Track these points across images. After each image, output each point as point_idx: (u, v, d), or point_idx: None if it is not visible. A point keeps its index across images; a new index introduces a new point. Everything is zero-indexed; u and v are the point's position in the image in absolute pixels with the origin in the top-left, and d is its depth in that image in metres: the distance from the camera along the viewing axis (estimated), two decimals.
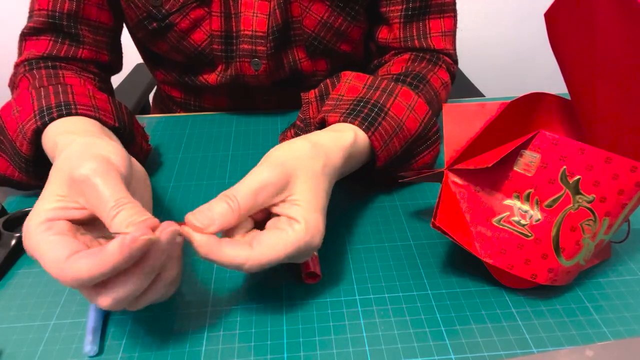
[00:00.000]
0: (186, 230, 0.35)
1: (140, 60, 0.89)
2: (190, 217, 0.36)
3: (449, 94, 0.62)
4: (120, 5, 0.64)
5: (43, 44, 0.59)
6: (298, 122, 0.56)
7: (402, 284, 0.42)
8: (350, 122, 0.47)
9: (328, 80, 0.56)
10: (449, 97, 0.63)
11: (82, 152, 0.37)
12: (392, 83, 0.52)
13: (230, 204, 0.36)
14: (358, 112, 0.48)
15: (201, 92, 0.73)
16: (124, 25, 0.69)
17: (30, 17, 0.60)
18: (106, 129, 0.47)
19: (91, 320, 0.38)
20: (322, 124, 0.50)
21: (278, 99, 0.73)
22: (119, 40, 0.67)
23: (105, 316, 0.39)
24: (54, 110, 0.46)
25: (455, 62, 0.65)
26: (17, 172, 0.50)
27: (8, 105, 0.50)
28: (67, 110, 0.46)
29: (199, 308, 0.40)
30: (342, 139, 0.44)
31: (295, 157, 0.40)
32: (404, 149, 0.50)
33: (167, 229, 0.32)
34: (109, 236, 0.36)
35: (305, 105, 0.56)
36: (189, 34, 0.63)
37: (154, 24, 0.63)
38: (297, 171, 0.39)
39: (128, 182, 0.37)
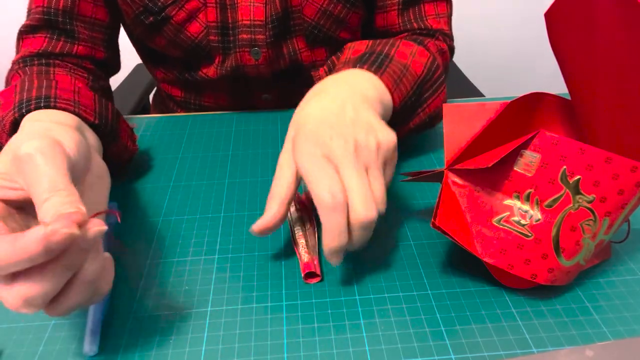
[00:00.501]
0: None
1: (140, 61, 0.89)
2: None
3: (447, 61, 0.65)
4: (116, 2, 0.64)
5: (39, 41, 0.59)
6: None
7: (402, 284, 0.42)
8: (359, 68, 0.50)
9: (333, 57, 0.60)
10: (447, 70, 0.66)
11: (33, 132, 0.35)
12: (392, 39, 0.57)
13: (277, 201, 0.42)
14: (365, 60, 0.52)
15: (201, 89, 0.73)
16: (121, 25, 0.69)
17: (27, 15, 0.61)
18: (84, 125, 0.47)
19: (91, 320, 0.38)
20: None
21: (278, 93, 0.73)
22: (116, 38, 0.68)
23: (105, 316, 0.39)
24: (32, 102, 0.45)
25: (452, 39, 0.68)
26: None
27: None
28: (45, 103, 0.46)
29: (199, 308, 0.40)
30: (360, 74, 0.49)
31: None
32: (414, 90, 0.52)
33: (95, 227, 0.30)
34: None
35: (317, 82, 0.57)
36: (185, 26, 0.64)
37: (151, 18, 0.63)
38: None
39: (80, 173, 0.36)
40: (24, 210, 0.33)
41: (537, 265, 0.39)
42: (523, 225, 0.39)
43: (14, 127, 0.45)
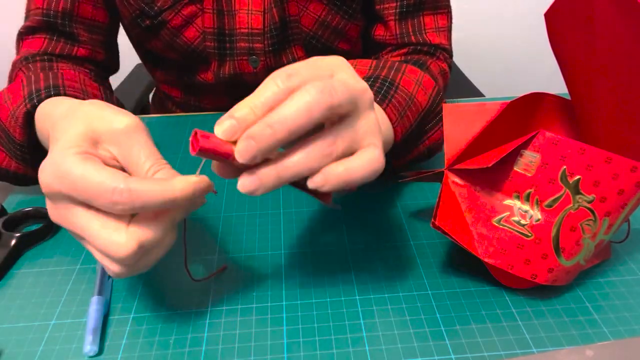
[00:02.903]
0: None
1: (140, 61, 0.89)
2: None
3: (447, 82, 0.63)
4: (115, 4, 0.64)
5: (38, 42, 0.59)
6: None
7: (402, 284, 0.42)
8: None
9: None
10: (446, 90, 0.64)
11: (110, 107, 0.36)
12: (397, 62, 0.53)
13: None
14: (370, 87, 0.47)
15: (201, 92, 0.73)
16: (121, 25, 0.69)
17: (26, 17, 0.60)
18: None
19: (91, 320, 0.38)
20: None
21: None
22: (115, 39, 0.68)
23: (105, 316, 0.39)
24: (42, 91, 0.46)
25: (451, 55, 0.66)
26: (13, 163, 0.49)
27: (0, 95, 0.50)
28: (55, 91, 0.46)
29: (199, 308, 0.40)
30: None
31: None
32: (417, 122, 0.50)
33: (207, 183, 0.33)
34: None
35: None
36: (182, 31, 0.63)
37: (147, 22, 0.63)
38: None
39: None
40: None
41: (537, 265, 0.39)
42: (523, 225, 0.39)
43: (28, 118, 0.45)
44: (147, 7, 0.62)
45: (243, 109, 0.30)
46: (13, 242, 0.45)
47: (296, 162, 0.30)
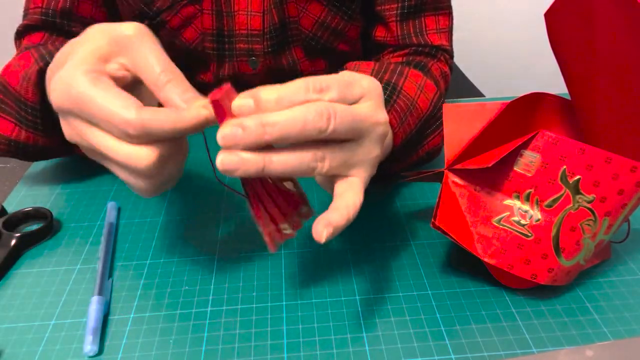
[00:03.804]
0: None
1: None
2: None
3: (448, 85, 0.63)
4: (114, 3, 0.64)
5: (38, 37, 0.59)
6: None
7: (402, 284, 0.42)
8: None
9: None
10: (447, 92, 0.64)
11: (107, 24, 0.36)
12: (400, 66, 0.53)
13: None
14: None
15: (200, 92, 0.73)
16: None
17: (25, 15, 0.61)
18: None
19: (91, 320, 0.38)
20: None
21: None
22: None
23: (105, 316, 0.39)
24: (53, 52, 0.46)
25: (452, 56, 0.66)
26: (23, 131, 0.49)
27: (8, 65, 0.50)
28: None
29: (199, 307, 0.40)
30: None
31: None
32: (418, 128, 0.50)
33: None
34: None
35: None
36: (181, 32, 0.64)
37: (146, 22, 0.63)
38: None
39: None
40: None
41: (537, 265, 0.39)
42: (523, 225, 0.39)
43: (41, 77, 0.46)
44: (146, 7, 0.62)
45: (269, 95, 0.32)
46: (13, 242, 0.45)
47: (282, 161, 0.32)
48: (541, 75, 1.82)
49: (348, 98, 0.34)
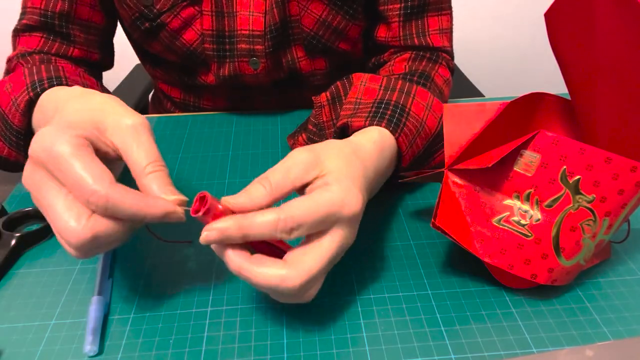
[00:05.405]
0: (220, 240, 0.35)
1: (140, 61, 0.89)
2: (227, 198, 0.36)
3: (450, 89, 0.63)
4: (113, 5, 0.64)
5: (35, 40, 0.60)
6: (310, 127, 0.55)
7: (402, 284, 0.42)
8: (377, 125, 0.46)
9: (339, 83, 0.55)
10: (449, 94, 0.63)
11: (123, 104, 0.38)
12: (407, 83, 0.53)
13: (265, 184, 0.36)
14: (382, 114, 0.48)
15: (200, 93, 0.73)
16: (121, 26, 0.69)
17: (23, 13, 0.61)
18: None
19: (91, 320, 0.38)
20: (342, 130, 0.49)
21: (278, 99, 0.73)
22: (111, 39, 0.68)
23: (105, 316, 0.39)
24: (45, 82, 0.47)
25: (452, 57, 0.66)
26: (6, 148, 0.50)
27: (1, 83, 0.51)
28: (57, 82, 0.48)
29: (199, 308, 0.40)
30: (368, 135, 0.45)
31: (324, 144, 0.41)
32: (425, 148, 0.50)
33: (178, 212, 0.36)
34: None
35: (318, 110, 0.55)
36: (181, 34, 0.64)
37: (146, 24, 0.63)
38: (328, 152, 0.39)
39: None
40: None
41: (537, 265, 0.39)
42: (523, 225, 0.39)
43: (29, 106, 0.47)
44: (146, 9, 0.62)
45: (258, 195, 0.36)
46: (13, 242, 0.45)
47: (253, 225, 0.35)
48: (541, 75, 1.82)
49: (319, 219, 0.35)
